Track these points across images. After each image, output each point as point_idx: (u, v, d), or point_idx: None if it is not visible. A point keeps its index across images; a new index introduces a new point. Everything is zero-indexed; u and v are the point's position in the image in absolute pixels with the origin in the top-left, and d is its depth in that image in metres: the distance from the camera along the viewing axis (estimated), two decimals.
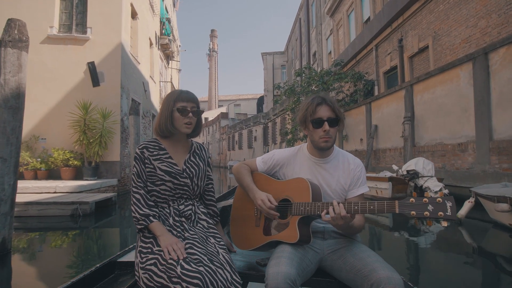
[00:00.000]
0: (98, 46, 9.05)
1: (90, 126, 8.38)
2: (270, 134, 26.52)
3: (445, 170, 6.94)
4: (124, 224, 6.02)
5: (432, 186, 5.87)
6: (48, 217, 5.32)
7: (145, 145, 1.48)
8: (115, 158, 8.95)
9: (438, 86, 7.35)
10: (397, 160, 9.01)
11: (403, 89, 8.76)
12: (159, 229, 1.35)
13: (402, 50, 10.89)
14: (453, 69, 6.85)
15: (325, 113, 1.43)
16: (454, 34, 8.17)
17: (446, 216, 1.08)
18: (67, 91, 8.83)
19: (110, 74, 9.06)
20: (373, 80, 13.14)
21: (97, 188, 7.51)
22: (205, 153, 1.65)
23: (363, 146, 11.37)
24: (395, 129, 9.20)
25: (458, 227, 4.57)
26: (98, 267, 1.48)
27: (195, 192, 1.53)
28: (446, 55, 8.50)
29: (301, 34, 28.53)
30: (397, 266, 2.16)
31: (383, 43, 12.40)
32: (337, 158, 1.54)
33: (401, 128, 8.61)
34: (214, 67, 65.57)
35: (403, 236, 4.55)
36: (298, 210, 1.37)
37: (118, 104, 9.07)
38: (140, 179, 1.43)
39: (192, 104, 1.49)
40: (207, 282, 1.18)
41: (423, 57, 9.93)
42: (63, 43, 8.91)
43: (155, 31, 14.61)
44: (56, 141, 8.55)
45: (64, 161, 8.09)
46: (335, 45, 18.85)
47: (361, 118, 11.60)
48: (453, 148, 6.77)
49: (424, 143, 7.88)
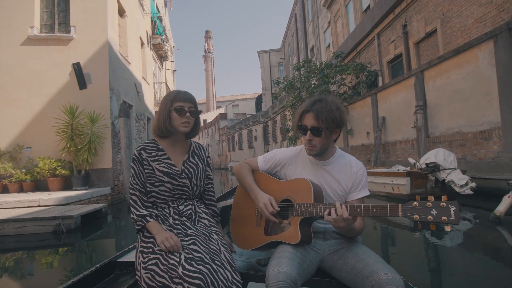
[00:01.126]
0: (83, 46, 8.43)
1: (77, 132, 7.76)
2: (270, 132, 25.96)
3: (466, 161, 6.33)
4: (118, 235, 5.42)
5: (457, 180, 5.26)
6: (27, 235, 4.69)
7: (143, 147, 1.48)
8: (107, 165, 8.34)
9: (452, 70, 6.73)
10: (409, 152, 8.40)
11: (412, 76, 8.16)
12: (154, 228, 1.36)
13: (407, 36, 10.28)
14: (470, 50, 6.24)
15: (309, 121, 1.40)
16: (466, 14, 7.56)
17: (450, 221, 1.07)
18: (52, 95, 8.22)
19: (97, 75, 8.45)
20: (376, 71, 12.53)
21: (87, 198, 6.90)
22: (204, 153, 1.64)
23: (370, 140, 10.76)
24: (405, 119, 8.60)
25: (497, 226, 3.97)
26: (98, 267, 1.47)
27: (194, 192, 1.53)
28: (457, 37, 7.89)
29: (297, 30, 28.02)
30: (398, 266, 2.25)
31: (386, 31, 11.79)
32: (339, 160, 1.51)
33: (413, 118, 8.01)
34: (210, 68, 65.04)
35: (403, 236, 4.37)
36: (300, 211, 1.35)
37: (108, 106, 8.46)
38: (137, 181, 1.43)
39: (189, 104, 1.49)
40: (208, 282, 1.18)
41: (430, 42, 9.31)
42: (46, 43, 8.30)
43: (146, 30, 13.99)
44: (42, 150, 7.93)
45: (50, 171, 7.47)
46: (334, 38, 18.26)
47: (366, 111, 10.99)
48: (474, 136, 6.16)
49: (439, 133, 7.27)
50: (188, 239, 1.36)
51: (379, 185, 6.72)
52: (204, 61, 66.48)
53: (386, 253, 3.61)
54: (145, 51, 13.66)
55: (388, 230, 4.72)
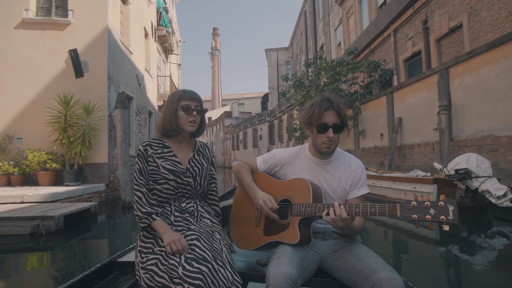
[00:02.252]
0: (81, 31, 7.88)
1: (71, 123, 7.21)
2: (276, 132, 25.34)
3: (499, 169, 5.65)
4: (109, 238, 4.82)
5: (493, 190, 4.60)
6: (1, 237, 4.13)
7: (149, 143, 1.46)
8: (102, 159, 7.78)
9: (485, 67, 6.06)
10: (428, 157, 7.73)
11: (435, 73, 7.48)
12: (162, 227, 1.33)
13: (428, 32, 9.59)
14: (507, 44, 5.56)
15: (331, 118, 1.39)
16: (498, 6, 6.87)
17: (448, 220, 1.07)
18: (46, 83, 7.68)
19: (95, 63, 7.90)
20: (391, 69, 11.84)
21: (78, 195, 6.34)
22: (209, 152, 1.63)
23: (384, 142, 10.09)
24: (425, 121, 7.93)
25: None
26: (98, 267, 1.45)
27: (197, 191, 1.51)
28: (487, 32, 7.20)
29: (307, 27, 27.38)
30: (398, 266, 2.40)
31: (403, 27, 11.10)
32: (338, 159, 1.52)
33: (434, 119, 7.34)
34: (217, 66, 64.59)
35: (403, 236, 4.31)
36: (299, 211, 1.35)
37: (105, 97, 7.90)
38: (142, 177, 1.40)
39: (195, 103, 1.48)
40: (209, 282, 1.17)
41: (454, 38, 8.62)
42: (41, 28, 7.75)
43: (151, 21, 13.43)
44: (34, 141, 7.40)
45: (41, 164, 6.93)
46: (345, 35, 17.58)
47: (381, 111, 10.32)
48: (510, 140, 5.48)
49: (465, 136, 6.59)
50: (190, 233, 1.34)
51: (398, 191, 6.07)
52: (211, 58, 66.06)
53: (386, 253, 3.58)
54: (149, 43, 13.10)
55: (388, 230, 4.64)
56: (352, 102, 12.17)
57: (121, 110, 6.79)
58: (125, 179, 6.91)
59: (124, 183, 6.87)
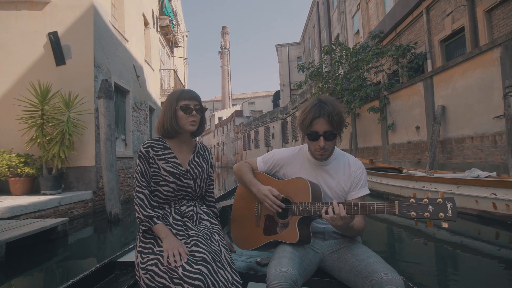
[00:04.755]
0: (63, 11, 6.66)
1: (49, 119, 5.99)
2: (289, 129, 23.90)
3: None
4: (71, 271, 3.52)
5: None
6: None
7: (150, 144, 1.44)
8: (88, 162, 6.54)
9: None
10: (487, 152, 6.20)
11: (497, 47, 5.94)
12: (163, 231, 1.32)
13: (474, 4, 8.02)
14: None
15: (321, 127, 1.35)
16: None
17: (447, 217, 1.06)
18: (22, 72, 6.49)
19: (79, 48, 6.67)
20: (423, 53, 10.28)
21: (53, 207, 5.10)
22: (208, 154, 1.62)
23: (421, 136, 8.56)
24: (479, 108, 6.40)
25: None
26: (98, 267, 1.43)
27: (197, 193, 1.50)
28: None
29: (319, 19, 25.95)
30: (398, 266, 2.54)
31: (439, 3, 9.53)
32: (338, 160, 1.50)
33: (495, 105, 5.83)
34: (226, 65, 63.54)
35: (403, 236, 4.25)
36: (298, 210, 1.35)
37: (92, 87, 6.65)
38: (144, 179, 1.39)
39: (195, 102, 1.47)
40: (209, 283, 1.16)
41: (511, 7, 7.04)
42: (15, 7, 6.57)
43: (152, 9, 12.22)
44: (6, 141, 6.22)
45: (11, 169, 5.72)
46: (364, 22, 16.02)
47: (416, 100, 8.79)
48: None
49: None
50: (190, 240, 1.32)
51: (468, 198, 4.59)
52: (220, 57, 65.02)
53: (386, 253, 3.55)
54: (150, 32, 11.88)
55: (388, 230, 4.59)
56: (378, 92, 10.66)
57: (105, 101, 5.52)
58: (111, 186, 5.57)
59: (109, 191, 5.54)
